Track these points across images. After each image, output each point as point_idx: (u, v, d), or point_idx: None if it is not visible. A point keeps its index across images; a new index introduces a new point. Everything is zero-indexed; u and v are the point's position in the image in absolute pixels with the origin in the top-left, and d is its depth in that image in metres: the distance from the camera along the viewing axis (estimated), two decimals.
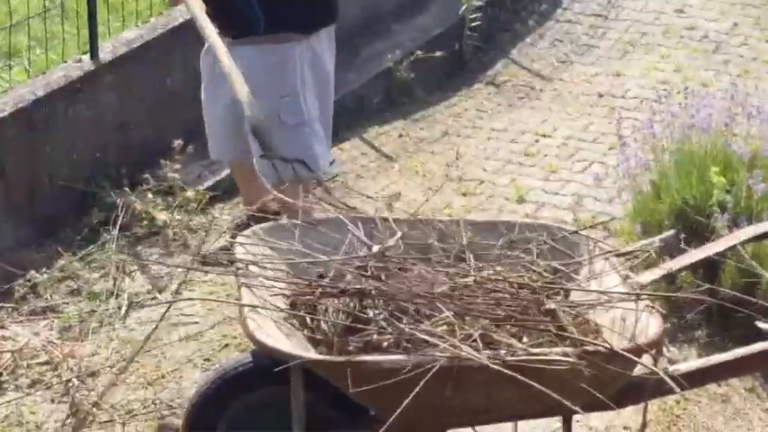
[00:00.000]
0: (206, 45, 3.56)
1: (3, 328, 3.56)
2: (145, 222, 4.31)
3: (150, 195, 4.38)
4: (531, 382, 2.16)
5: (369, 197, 2.79)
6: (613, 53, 6.01)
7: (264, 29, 3.55)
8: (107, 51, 4.50)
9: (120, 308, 3.75)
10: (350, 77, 5.59)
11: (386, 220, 2.62)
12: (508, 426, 2.85)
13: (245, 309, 2.41)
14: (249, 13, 3.53)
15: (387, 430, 2.27)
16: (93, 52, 4.45)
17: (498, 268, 2.57)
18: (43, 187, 4.18)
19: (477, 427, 2.65)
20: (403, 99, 5.60)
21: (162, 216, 4.29)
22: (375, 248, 2.46)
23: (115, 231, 4.11)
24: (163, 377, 3.38)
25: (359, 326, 2.39)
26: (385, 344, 2.37)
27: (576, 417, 2.60)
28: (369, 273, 2.45)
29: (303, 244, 2.59)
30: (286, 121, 3.56)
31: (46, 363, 3.41)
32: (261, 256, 2.56)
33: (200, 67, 3.86)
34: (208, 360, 3.44)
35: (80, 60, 4.46)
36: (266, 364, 2.50)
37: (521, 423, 2.83)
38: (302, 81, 3.59)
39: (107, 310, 3.74)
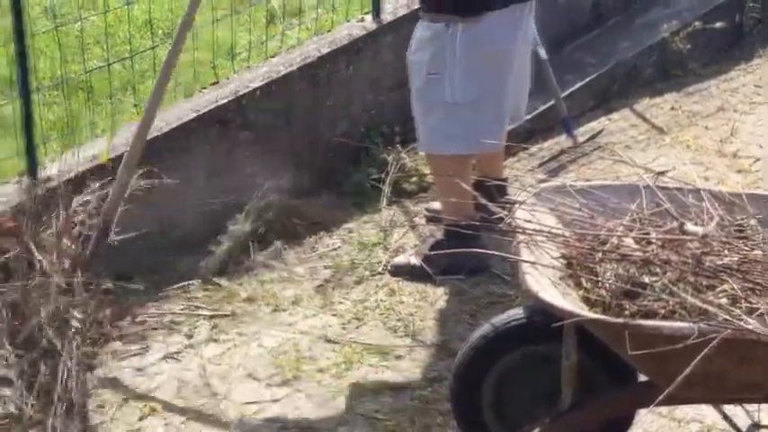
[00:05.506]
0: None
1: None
2: (414, 179, 4.45)
3: (421, 153, 4.51)
4: None
5: (645, 168, 2.75)
6: None
7: (428, 6, 3.63)
8: (388, 12, 4.66)
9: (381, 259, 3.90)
10: (622, 46, 5.50)
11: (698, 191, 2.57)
12: None
13: (524, 266, 2.45)
14: None
15: (654, 395, 2.28)
16: (376, 12, 4.61)
17: None
18: (322, 139, 4.40)
19: None
20: (676, 71, 5.45)
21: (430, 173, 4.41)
22: (691, 227, 2.43)
23: (386, 187, 4.27)
24: (429, 328, 3.50)
25: (636, 290, 2.38)
26: (662, 311, 2.36)
27: None
28: (651, 240, 2.44)
29: (584, 207, 2.61)
30: (429, 98, 3.64)
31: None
32: (541, 216, 2.60)
33: None
34: (473, 316, 3.52)
35: (362, 20, 4.64)
36: (539, 321, 2.55)
37: None
38: (454, 62, 3.56)
39: (378, 262, 3.90)
